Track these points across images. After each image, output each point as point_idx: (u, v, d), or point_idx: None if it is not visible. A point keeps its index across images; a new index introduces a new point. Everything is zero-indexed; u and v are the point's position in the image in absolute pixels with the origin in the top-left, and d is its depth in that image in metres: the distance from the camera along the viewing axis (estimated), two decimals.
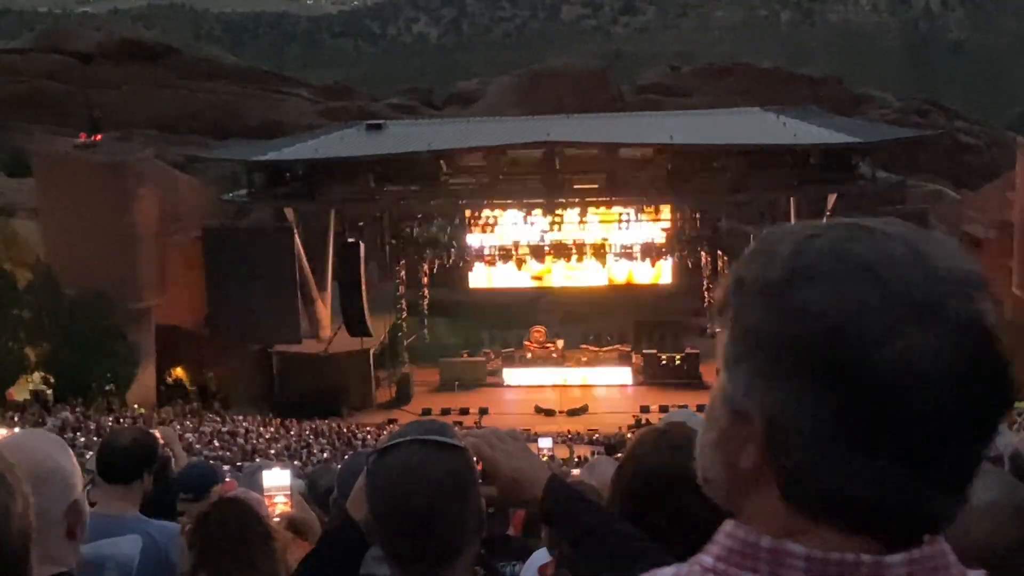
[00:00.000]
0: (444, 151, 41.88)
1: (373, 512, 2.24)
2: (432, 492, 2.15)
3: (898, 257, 1.08)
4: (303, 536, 4.53)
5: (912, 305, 1.06)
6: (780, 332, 1.09)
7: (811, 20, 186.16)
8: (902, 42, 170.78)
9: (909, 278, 1.07)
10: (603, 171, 41.93)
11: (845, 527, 1.11)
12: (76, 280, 37.38)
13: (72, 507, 2.47)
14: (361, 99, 68.00)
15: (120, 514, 4.30)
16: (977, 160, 58.10)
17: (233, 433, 33.01)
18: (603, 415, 40.55)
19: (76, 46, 63.78)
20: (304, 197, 42.80)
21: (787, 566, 1.10)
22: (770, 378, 1.11)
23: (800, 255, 1.10)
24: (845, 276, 1.07)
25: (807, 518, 1.12)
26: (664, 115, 50.20)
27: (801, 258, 1.10)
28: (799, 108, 48.78)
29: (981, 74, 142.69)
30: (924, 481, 1.08)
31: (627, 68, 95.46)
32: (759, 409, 1.12)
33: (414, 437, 2.22)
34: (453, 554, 2.19)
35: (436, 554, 2.18)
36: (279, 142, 47.29)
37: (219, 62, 68.04)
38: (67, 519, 2.46)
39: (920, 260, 1.08)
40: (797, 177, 40.44)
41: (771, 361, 1.10)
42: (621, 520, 2.33)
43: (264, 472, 3.93)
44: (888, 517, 1.09)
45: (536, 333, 45.89)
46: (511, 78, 68.65)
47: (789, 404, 1.10)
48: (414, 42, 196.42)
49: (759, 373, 1.11)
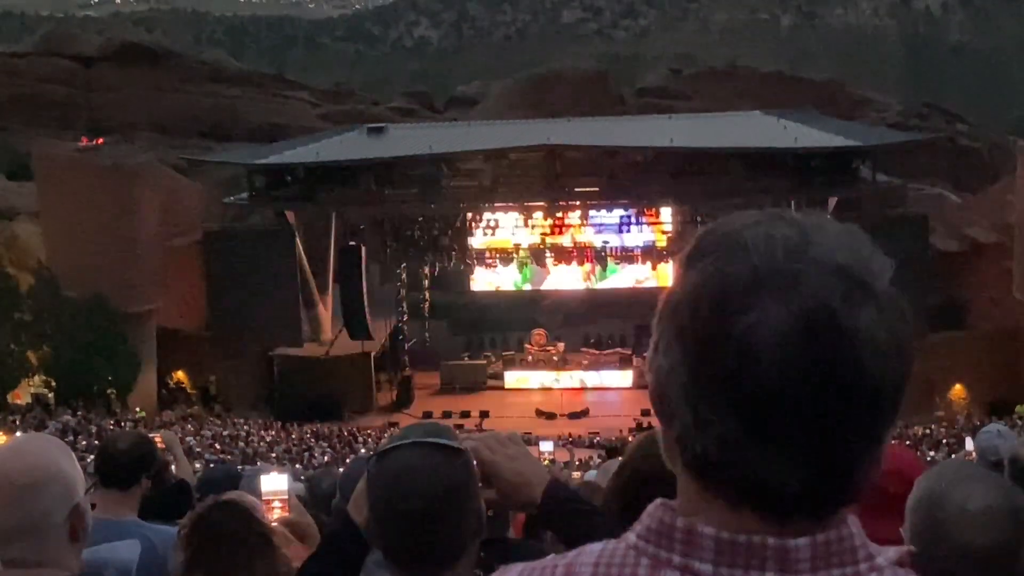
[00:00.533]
0: (445, 154, 41.87)
1: (373, 514, 2.25)
2: (432, 494, 2.16)
3: (778, 239, 1.12)
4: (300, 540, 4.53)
5: (773, 282, 1.10)
6: (668, 303, 1.17)
7: (812, 23, 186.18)
8: (903, 45, 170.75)
9: (775, 257, 1.11)
10: (603, 174, 41.94)
11: (731, 501, 1.15)
12: (77, 283, 37.41)
13: (74, 510, 2.48)
14: (362, 102, 68.01)
15: (119, 518, 4.32)
16: (978, 163, 58.04)
17: (234, 436, 33.05)
18: (604, 418, 40.51)
19: (78, 49, 63.76)
20: (305, 200, 42.80)
21: (698, 546, 1.15)
22: (657, 347, 1.18)
23: (702, 238, 1.18)
24: (725, 255, 1.13)
25: (711, 492, 1.16)
26: (664, 118, 50.17)
27: (702, 241, 1.17)
28: (800, 111, 48.77)
29: (982, 77, 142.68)
30: (769, 450, 1.10)
31: (628, 71, 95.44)
32: (652, 378, 1.19)
33: (415, 439, 2.24)
34: (453, 556, 2.21)
35: (436, 556, 2.19)
36: (280, 145, 47.31)
37: (220, 65, 68.01)
38: (69, 522, 2.47)
39: (799, 245, 1.12)
40: (798, 180, 40.39)
41: (659, 331, 1.17)
42: (621, 523, 2.34)
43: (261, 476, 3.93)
44: (749, 487, 1.13)
45: (537, 336, 45.87)
46: (512, 81, 68.66)
47: (664, 370, 1.16)
48: (415, 45, 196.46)
49: (654, 345, 1.19)
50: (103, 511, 4.48)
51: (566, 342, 46.12)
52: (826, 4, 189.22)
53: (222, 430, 34.64)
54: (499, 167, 42.30)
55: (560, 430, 37.21)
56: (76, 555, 2.52)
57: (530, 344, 45.73)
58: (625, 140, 43.00)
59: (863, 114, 60.65)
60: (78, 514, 2.49)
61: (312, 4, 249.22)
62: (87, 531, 2.56)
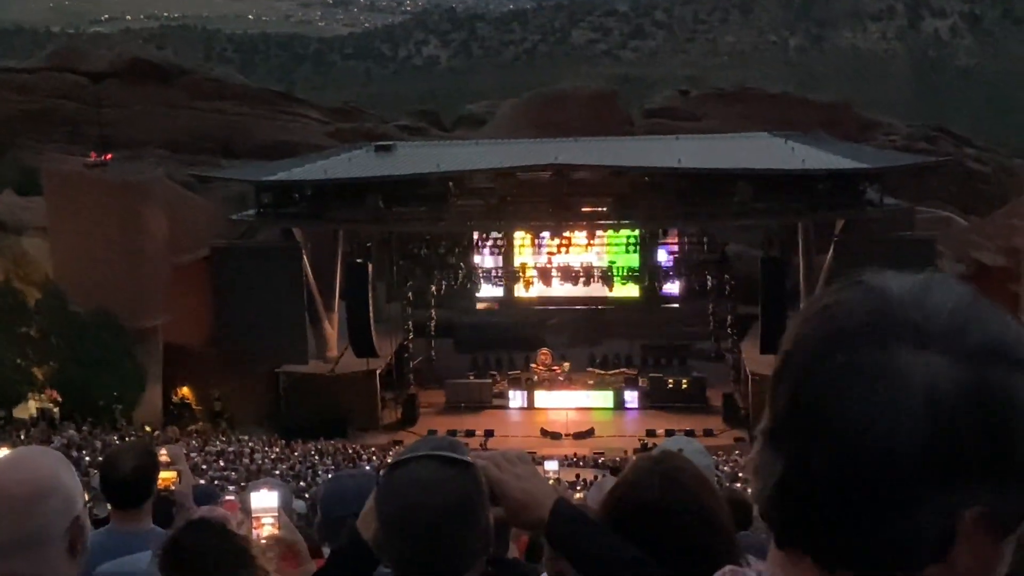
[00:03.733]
0: (453, 173, 41.96)
1: (382, 525, 2.24)
2: (442, 506, 2.15)
3: (844, 300, 1.13)
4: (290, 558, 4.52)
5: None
6: None
7: (820, 46, 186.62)
8: (911, 68, 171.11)
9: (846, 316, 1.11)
10: (611, 194, 41.99)
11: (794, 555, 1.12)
12: (84, 298, 37.48)
13: (74, 523, 2.46)
14: (370, 120, 68.14)
15: (136, 530, 4.40)
16: (985, 187, 58.03)
17: (239, 453, 33.00)
18: (609, 438, 40.47)
19: (88, 66, 64.02)
20: (312, 217, 42.89)
21: None
22: None
23: None
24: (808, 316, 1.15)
25: None
26: (672, 139, 50.25)
27: None
28: (807, 133, 48.86)
29: (990, 101, 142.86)
30: None
31: (636, 92, 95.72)
32: None
33: (426, 452, 2.23)
34: (460, 570, 2.19)
35: (444, 569, 2.17)
36: (288, 162, 47.43)
37: (229, 82, 68.22)
38: (69, 535, 2.45)
39: (865, 300, 1.11)
40: (805, 202, 40.41)
41: None
42: (627, 544, 2.32)
43: (251, 493, 3.94)
44: None
45: (543, 355, 45.84)
46: (520, 101, 68.75)
47: None
48: (424, 64, 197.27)
49: None
50: (119, 525, 4.51)
51: (572, 361, 46.08)
52: (835, 27, 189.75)
53: (227, 447, 34.60)
54: (507, 186, 42.37)
55: (565, 450, 37.18)
56: (75, 569, 2.50)
57: (536, 363, 45.70)
58: (633, 160, 43.05)
59: (871, 137, 60.65)
60: (77, 527, 2.47)
61: (322, 22, 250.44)
62: (86, 545, 2.54)
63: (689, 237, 44.63)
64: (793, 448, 1.09)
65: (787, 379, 1.11)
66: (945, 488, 1.06)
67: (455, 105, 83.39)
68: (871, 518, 1.07)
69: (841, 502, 1.07)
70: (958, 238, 45.12)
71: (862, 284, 1.13)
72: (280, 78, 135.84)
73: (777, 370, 1.14)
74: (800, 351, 1.11)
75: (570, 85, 72.63)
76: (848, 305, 1.11)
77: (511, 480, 2.38)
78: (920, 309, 1.09)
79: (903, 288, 1.11)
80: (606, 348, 48.10)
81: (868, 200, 40.92)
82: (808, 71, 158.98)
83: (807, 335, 1.12)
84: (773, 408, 1.13)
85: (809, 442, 1.07)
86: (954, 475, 1.06)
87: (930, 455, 1.05)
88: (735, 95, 69.09)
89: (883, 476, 1.05)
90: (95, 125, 59.29)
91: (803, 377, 1.09)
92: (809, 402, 1.08)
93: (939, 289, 1.11)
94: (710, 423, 40.71)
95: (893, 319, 1.08)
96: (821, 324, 1.11)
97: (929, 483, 1.06)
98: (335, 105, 72.96)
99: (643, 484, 2.46)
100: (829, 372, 1.07)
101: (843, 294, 1.13)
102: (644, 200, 41.83)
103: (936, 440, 1.04)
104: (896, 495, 1.07)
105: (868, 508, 1.07)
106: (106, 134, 58.20)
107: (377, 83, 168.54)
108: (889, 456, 1.05)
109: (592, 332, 48.15)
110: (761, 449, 1.14)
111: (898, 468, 1.05)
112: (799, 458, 1.09)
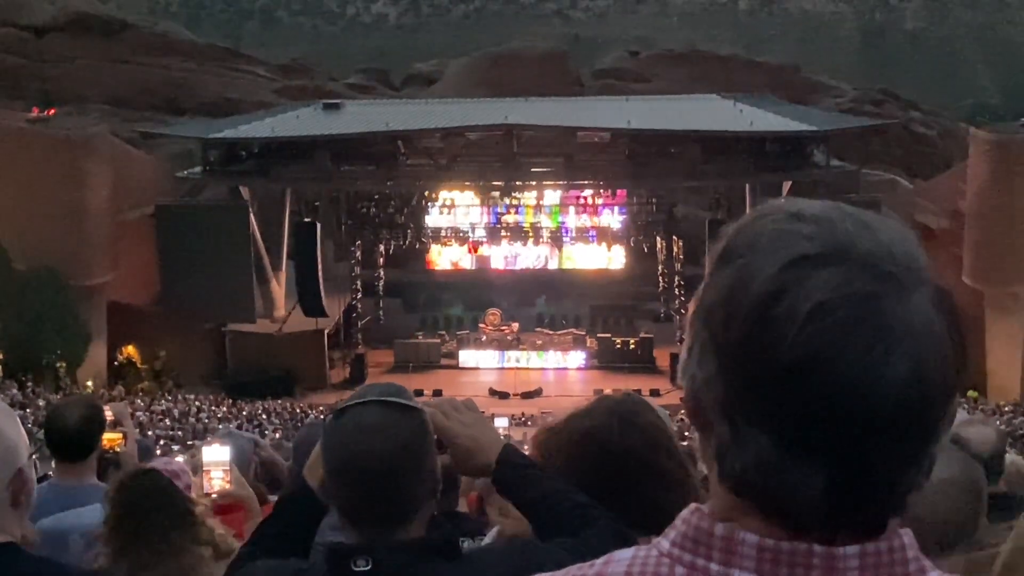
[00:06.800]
0: (402, 132, 41.71)
1: (329, 470, 2.24)
2: (389, 450, 2.15)
3: (835, 227, 1.10)
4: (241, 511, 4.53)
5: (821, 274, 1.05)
6: (699, 307, 1.13)
7: (769, 8, 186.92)
8: (858, 32, 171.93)
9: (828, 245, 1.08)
10: (561, 154, 41.98)
11: (770, 514, 1.09)
12: (27, 256, 36.95)
13: (17, 475, 2.42)
14: (319, 78, 67.52)
15: (80, 484, 4.38)
16: (930, 150, 58.65)
17: (185, 412, 32.83)
18: (557, 398, 40.62)
19: (29, 19, 62.74)
20: (260, 176, 42.52)
21: (739, 554, 1.09)
22: (690, 353, 1.13)
23: (734, 237, 1.14)
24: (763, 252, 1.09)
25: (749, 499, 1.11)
26: (622, 100, 50.27)
27: (734, 239, 1.13)
28: (756, 95, 49.06)
29: (936, 65, 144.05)
30: (807, 466, 1.04)
31: (586, 52, 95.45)
32: (686, 386, 1.14)
33: (372, 398, 2.22)
34: (407, 514, 2.20)
35: (391, 513, 2.18)
36: (235, 120, 46.95)
37: (175, 38, 67.27)
38: (11, 488, 2.41)
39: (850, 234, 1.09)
40: (753, 164, 40.66)
41: (691, 336, 1.13)
42: (574, 487, 2.33)
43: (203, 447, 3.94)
44: (790, 507, 1.06)
45: (491, 316, 45.89)
46: (470, 60, 68.46)
47: (698, 380, 1.11)
48: (373, 22, 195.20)
49: (687, 350, 1.14)
50: (63, 479, 4.47)
51: (520, 322, 46.19)
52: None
53: (172, 406, 34.39)
54: (456, 146, 42.22)
55: (513, 409, 37.33)
56: (19, 521, 2.46)
57: (484, 323, 45.74)
58: (583, 121, 43.03)
59: (818, 99, 61.04)
60: (20, 480, 2.43)
61: None
62: (31, 497, 2.50)
63: (638, 198, 44.72)
64: (787, 415, 1.03)
65: (760, 344, 1.04)
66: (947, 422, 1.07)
67: (404, 64, 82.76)
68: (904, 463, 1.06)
69: (859, 455, 1.03)
70: (903, 200, 45.56)
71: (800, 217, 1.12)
72: (227, 34, 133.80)
73: (736, 330, 1.06)
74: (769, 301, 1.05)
75: (520, 45, 72.50)
76: None
77: (458, 427, 2.39)
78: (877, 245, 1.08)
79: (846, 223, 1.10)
80: (555, 308, 48.24)
81: (815, 162, 41.23)
82: (757, 33, 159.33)
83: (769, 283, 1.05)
84: (736, 382, 1.06)
85: (811, 404, 1.02)
86: (947, 405, 1.06)
87: (935, 390, 1.04)
88: (685, 56, 69.25)
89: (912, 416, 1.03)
90: (37, 80, 58.32)
91: (792, 338, 1.02)
92: (803, 363, 1.02)
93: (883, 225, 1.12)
94: (657, 383, 40.92)
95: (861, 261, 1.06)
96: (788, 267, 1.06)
97: (945, 418, 1.06)
98: (283, 62, 72.25)
99: (601, 427, 2.45)
100: (827, 326, 1.02)
101: None
102: (594, 160, 41.90)
103: (931, 374, 1.03)
104: (928, 433, 1.06)
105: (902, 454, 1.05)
106: (48, 89, 57.29)
107: (325, 40, 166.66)
108: (917, 395, 1.02)
109: (541, 293, 48.23)
110: (726, 431, 1.08)
111: (926, 404, 1.04)
112: (800, 426, 1.03)
